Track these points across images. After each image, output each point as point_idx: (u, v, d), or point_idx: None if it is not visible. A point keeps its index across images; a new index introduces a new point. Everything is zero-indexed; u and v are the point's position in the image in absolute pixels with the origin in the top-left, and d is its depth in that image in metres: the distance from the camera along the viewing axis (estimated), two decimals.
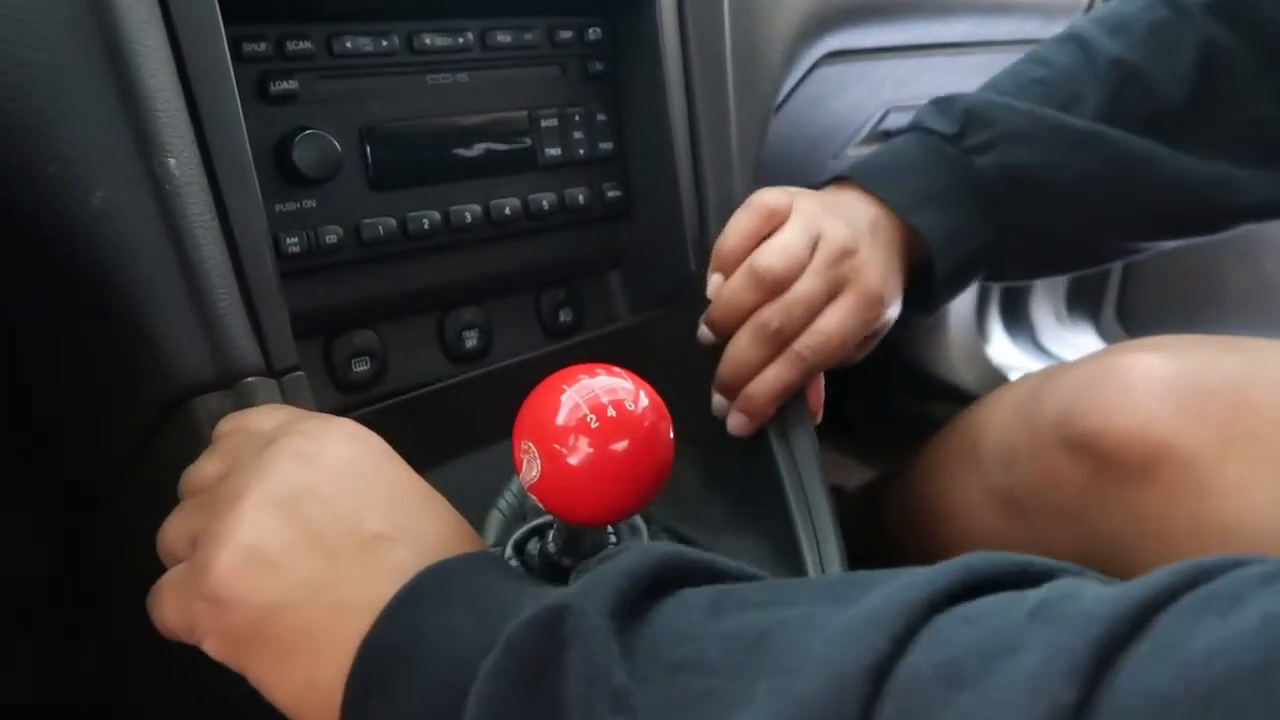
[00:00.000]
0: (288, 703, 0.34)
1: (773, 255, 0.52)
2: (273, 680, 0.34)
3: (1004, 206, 0.59)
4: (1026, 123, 0.59)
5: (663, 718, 0.27)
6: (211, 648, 0.35)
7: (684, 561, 0.32)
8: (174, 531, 0.38)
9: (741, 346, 0.53)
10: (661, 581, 0.31)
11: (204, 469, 0.40)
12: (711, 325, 0.54)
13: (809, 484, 0.54)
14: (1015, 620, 0.25)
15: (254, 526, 0.34)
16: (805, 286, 0.52)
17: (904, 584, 0.27)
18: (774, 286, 0.52)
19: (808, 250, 0.52)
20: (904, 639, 0.25)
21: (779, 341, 0.52)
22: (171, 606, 0.36)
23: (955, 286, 0.61)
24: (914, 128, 0.61)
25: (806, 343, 0.52)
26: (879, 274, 0.54)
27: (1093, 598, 0.25)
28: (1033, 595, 0.26)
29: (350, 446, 0.38)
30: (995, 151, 0.59)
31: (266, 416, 0.41)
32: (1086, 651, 0.23)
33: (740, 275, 0.52)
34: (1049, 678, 0.23)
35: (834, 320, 0.53)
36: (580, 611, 0.29)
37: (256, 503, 0.35)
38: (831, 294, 0.53)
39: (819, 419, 0.57)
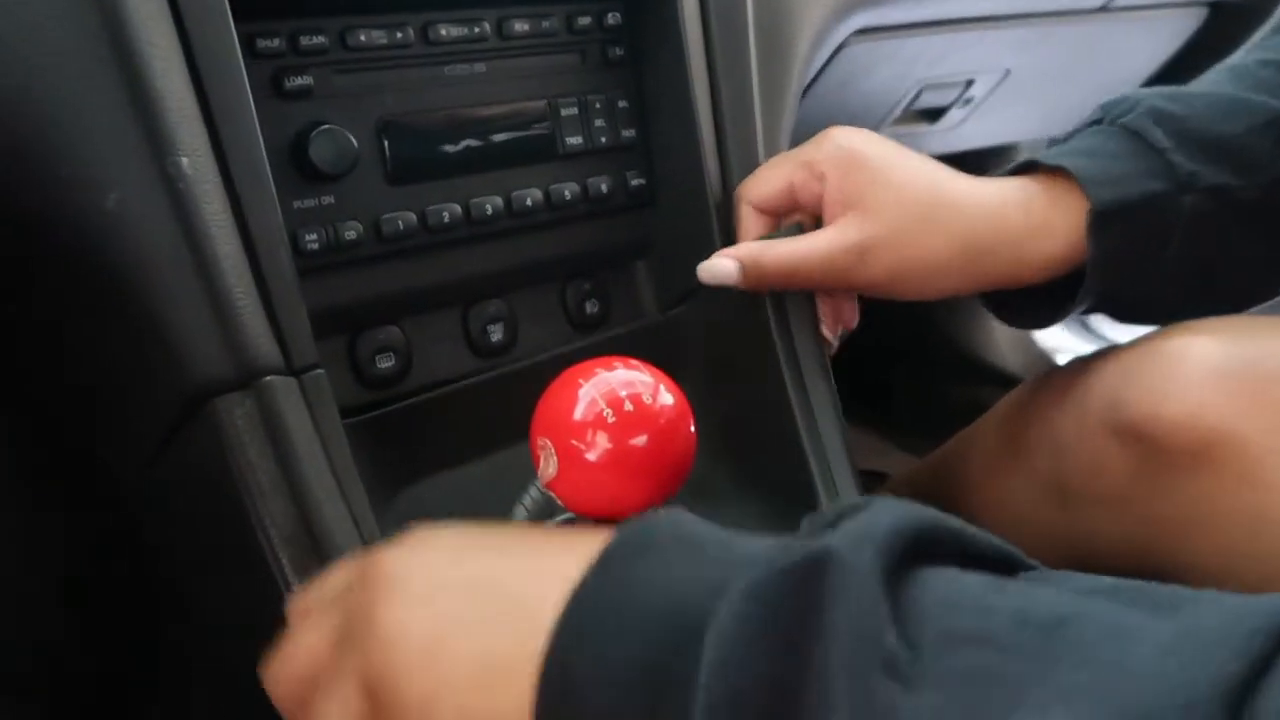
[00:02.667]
0: None
1: None
2: None
3: (1170, 157, 0.52)
4: (1186, 89, 0.54)
5: (943, 690, 0.24)
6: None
7: (942, 527, 0.28)
8: (306, 653, 0.34)
9: None
10: (918, 548, 0.27)
11: (305, 645, 0.35)
12: None
13: (841, 481, 0.53)
14: None
15: (405, 619, 0.31)
16: None
17: (1238, 603, 0.24)
18: None
19: None
20: (1260, 664, 0.22)
21: None
22: (330, 708, 0.32)
23: (1119, 245, 0.51)
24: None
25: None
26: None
27: None
28: None
29: (443, 540, 0.34)
30: (1139, 107, 0.54)
31: (336, 576, 0.37)
32: None
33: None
34: None
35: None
36: (849, 566, 0.26)
37: (398, 607, 0.31)
38: None
39: (833, 346, 0.57)
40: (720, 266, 0.54)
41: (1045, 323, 0.57)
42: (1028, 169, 0.55)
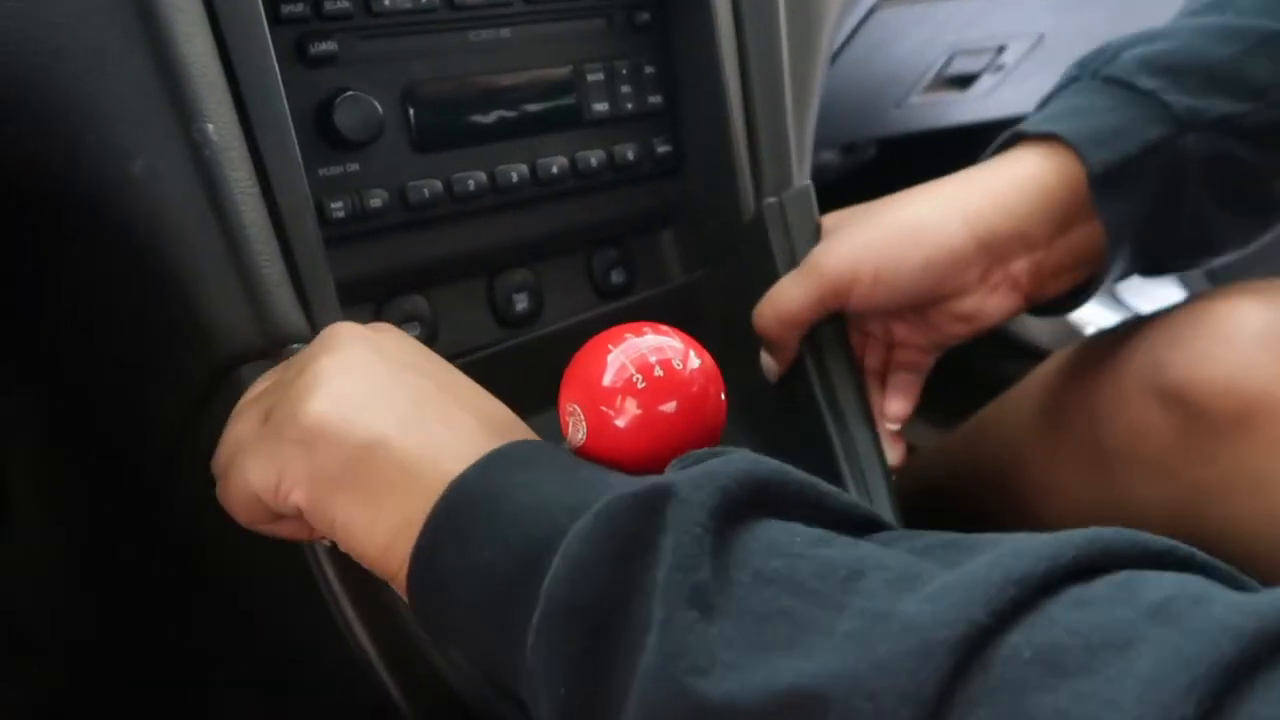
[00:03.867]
0: (377, 548, 0.34)
1: None
2: (364, 524, 0.34)
3: (1163, 97, 0.49)
4: (1164, 27, 0.51)
5: (736, 622, 0.27)
6: (300, 496, 0.35)
7: (790, 481, 0.31)
8: (237, 431, 0.38)
9: None
10: (765, 498, 0.30)
11: (254, 388, 0.40)
12: None
13: (861, 445, 0.53)
14: (1133, 614, 0.23)
15: (338, 379, 0.35)
16: None
17: (1015, 550, 0.25)
18: None
19: None
20: (1006, 614, 0.24)
21: None
22: (255, 463, 0.36)
23: (1131, 205, 0.48)
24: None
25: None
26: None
27: (1226, 606, 0.22)
28: (1156, 586, 0.24)
29: (406, 341, 0.40)
30: (1119, 55, 0.50)
31: (275, 370, 0.42)
32: (1213, 669, 0.21)
33: None
34: (1165, 686, 0.21)
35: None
36: (684, 500, 0.29)
37: (333, 368, 0.35)
38: None
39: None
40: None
41: (1073, 305, 0.54)
42: (1014, 142, 0.52)
